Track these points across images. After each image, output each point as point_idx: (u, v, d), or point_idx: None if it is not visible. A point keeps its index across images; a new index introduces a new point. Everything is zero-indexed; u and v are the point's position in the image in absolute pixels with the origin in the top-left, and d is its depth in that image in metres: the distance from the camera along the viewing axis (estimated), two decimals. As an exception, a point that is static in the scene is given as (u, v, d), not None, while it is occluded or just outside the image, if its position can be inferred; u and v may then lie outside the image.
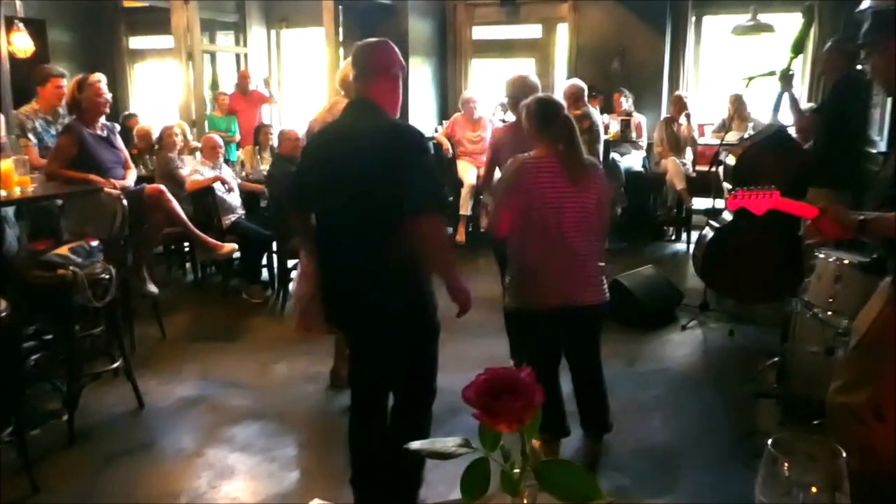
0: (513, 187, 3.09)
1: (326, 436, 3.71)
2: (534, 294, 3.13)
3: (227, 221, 6.03)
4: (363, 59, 2.68)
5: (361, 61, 2.68)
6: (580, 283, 3.11)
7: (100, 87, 4.88)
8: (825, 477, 0.87)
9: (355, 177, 2.54)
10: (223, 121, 8.69)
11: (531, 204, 3.04)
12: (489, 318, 4.15)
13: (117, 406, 4.00)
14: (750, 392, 4.05)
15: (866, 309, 2.40)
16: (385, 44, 2.72)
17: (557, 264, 3.07)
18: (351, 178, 2.54)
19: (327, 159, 2.63)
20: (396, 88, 2.71)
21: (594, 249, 3.16)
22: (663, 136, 7.84)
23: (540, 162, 3.07)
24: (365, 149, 2.55)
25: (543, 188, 3.03)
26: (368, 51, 2.70)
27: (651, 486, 3.23)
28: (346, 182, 2.55)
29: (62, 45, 9.07)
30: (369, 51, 2.70)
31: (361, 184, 2.53)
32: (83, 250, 3.70)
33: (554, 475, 0.92)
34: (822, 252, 3.57)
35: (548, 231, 3.04)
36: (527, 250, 3.11)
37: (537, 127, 3.16)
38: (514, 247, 3.18)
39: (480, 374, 0.90)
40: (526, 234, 3.08)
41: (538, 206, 3.03)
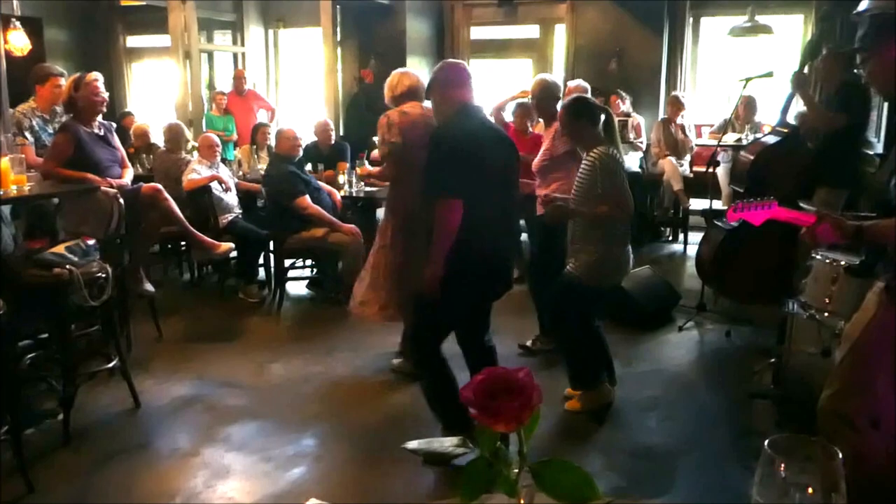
0: (617, 175, 3.54)
1: (323, 436, 3.71)
2: (616, 271, 3.73)
3: (223, 221, 6.02)
4: (466, 72, 3.40)
5: (466, 74, 3.38)
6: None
7: (97, 86, 4.87)
8: (822, 478, 0.87)
9: (502, 164, 3.25)
10: (221, 120, 8.68)
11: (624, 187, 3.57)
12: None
13: (113, 406, 3.99)
14: (746, 393, 4.05)
15: (858, 315, 2.40)
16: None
17: (625, 245, 3.71)
18: (500, 166, 3.24)
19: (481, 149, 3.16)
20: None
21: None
22: (660, 137, 7.84)
23: (615, 153, 3.59)
24: (504, 141, 3.38)
25: (623, 175, 3.59)
26: (463, 66, 3.47)
27: (648, 486, 3.22)
28: (498, 169, 3.23)
29: (59, 44, 9.07)
30: (463, 66, 3.47)
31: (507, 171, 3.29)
32: (79, 249, 3.69)
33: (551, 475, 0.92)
34: (818, 254, 3.57)
35: (625, 217, 3.62)
36: (616, 234, 3.62)
37: (589, 124, 3.64)
38: (602, 231, 3.59)
39: (478, 375, 0.90)
40: (619, 215, 3.59)
41: (623, 191, 3.56)
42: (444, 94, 3.34)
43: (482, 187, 3.12)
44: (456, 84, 3.32)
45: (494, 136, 3.34)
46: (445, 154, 3.13)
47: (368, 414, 3.92)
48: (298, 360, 4.65)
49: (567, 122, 3.73)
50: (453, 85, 3.32)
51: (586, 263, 3.60)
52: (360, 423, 3.77)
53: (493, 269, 3.29)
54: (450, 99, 3.31)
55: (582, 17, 8.78)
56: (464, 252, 3.10)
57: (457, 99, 3.29)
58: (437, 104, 3.41)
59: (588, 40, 8.73)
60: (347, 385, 4.27)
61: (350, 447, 3.52)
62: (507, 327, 4.71)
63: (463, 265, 3.10)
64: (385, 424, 3.78)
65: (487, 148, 3.18)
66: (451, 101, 3.29)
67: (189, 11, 8.42)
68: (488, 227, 3.15)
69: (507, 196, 3.29)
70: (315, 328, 5.36)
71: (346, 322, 5.25)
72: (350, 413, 3.92)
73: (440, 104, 3.38)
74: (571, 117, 3.68)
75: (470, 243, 3.09)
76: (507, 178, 3.30)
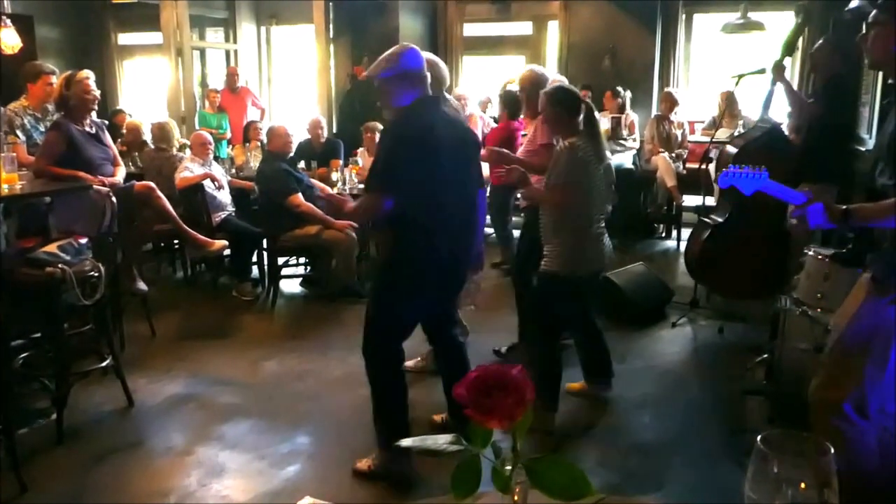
0: (575, 170, 3.45)
1: (317, 433, 3.71)
2: (588, 261, 3.62)
3: (217, 219, 6.00)
4: (423, 62, 3.17)
5: (422, 64, 3.17)
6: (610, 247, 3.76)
7: (88, 84, 4.85)
8: (814, 474, 0.88)
9: (460, 159, 3.15)
10: (214, 118, 8.66)
11: (590, 181, 3.50)
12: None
13: (106, 404, 3.98)
14: (739, 389, 4.07)
15: (845, 305, 2.42)
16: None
17: (597, 236, 3.63)
18: (459, 161, 3.14)
19: (437, 145, 3.04)
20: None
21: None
22: (654, 134, 7.86)
23: (586, 146, 3.50)
24: (463, 136, 3.25)
25: (592, 168, 3.51)
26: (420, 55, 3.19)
27: (641, 482, 3.23)
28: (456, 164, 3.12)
29: (50, 42, 9.03)
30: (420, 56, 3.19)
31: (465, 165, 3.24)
32: (72, 248, 3.68)
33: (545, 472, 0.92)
34: (811, 249, 3.59)
35: (592, 205, 3.54)
36: (581, 224, 3.53)
37: (566, 113, 3.57)
38: (568, 218, 3.53)
39: (472, 371, 0.90)
40: (581, 207, 3.51)
41: (587, 184, 3.50)
42: (400, 86, 3.11)
43: (437, 184, 3.01)
44: (412, 75, 3.11)
45: (453, 131, 3.16)
46: (396, 150, 3.01)
47: (363, 412, 3.91)
48: (292, 357, 4.65)
49: (546, 109, 3.67)
50: (409, 76, 3.11)
51: (555, 255, 3.55)
52: (355, 421, 3.77)
53: (448, 267, 3.16)
54: (405, 91, 3.10)
55: (575, 14, 8.78)
56: (417, 250, 3.04)
57: (413, 91, 3.10)
58: (390, 96, 3.17)
59: (581, 37, 8.74)
60: (341, 383, 4.26)
61: (344, 445, 3.51)
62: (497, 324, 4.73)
63: (417, 264, 3.06)
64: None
65: (444, 143, 3.03)
66: (407, 94, 3.10)
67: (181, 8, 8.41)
68: (443, 225, 3.07)
69: (464, 191, 3.20)
70: (309, 326, 5.35)
71: (340, 320, 5.26)
72: (344, 411, 3.91)
73: (394, 96, 3.15)
74: (550, 104, 3.62)
75: (424, 241, 3.03)
76: (465, 173, 3.20)
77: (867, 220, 2.22)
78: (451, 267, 3.19)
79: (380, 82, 3.14)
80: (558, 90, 3.70)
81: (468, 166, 3.25)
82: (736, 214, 4.88)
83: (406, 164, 2.96)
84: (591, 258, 3.63)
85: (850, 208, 2.22)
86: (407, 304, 3.13)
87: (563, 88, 3.76)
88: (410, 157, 2.95)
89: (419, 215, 3.00)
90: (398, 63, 3.08)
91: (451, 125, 3.15)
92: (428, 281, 3.10)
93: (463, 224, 3.22)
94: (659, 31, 8.59)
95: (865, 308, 2.26)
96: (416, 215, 3.00)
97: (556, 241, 3.55)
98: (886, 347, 2.18)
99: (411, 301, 3.13)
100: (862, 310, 2.27)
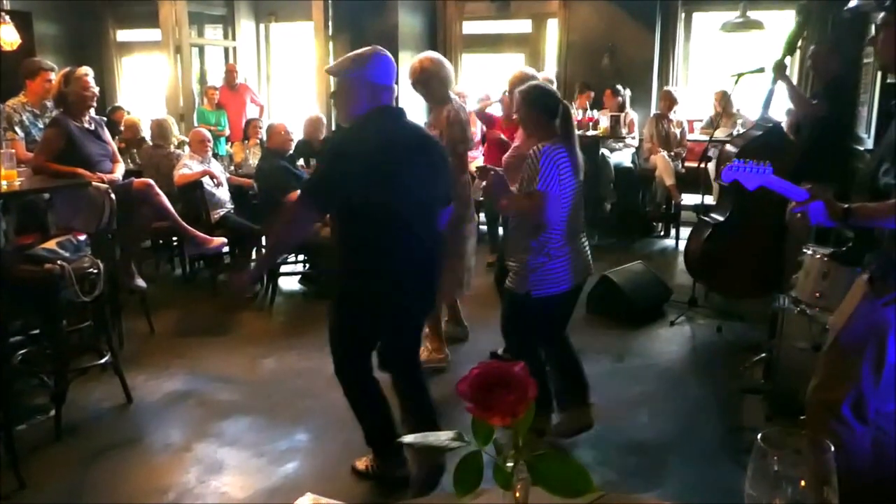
0: (554, 173, 3.08)
1: (316, 430, 3.71)
2: (565, 276, 3.23)
3: (216, 216, 6.00)
4: (392, 68, 2.89)
5: (391, 70, 2.88)
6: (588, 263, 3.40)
7: (87, 81, 4.84)
8: (814, 471, 0.88)
9: (423, 173, 2.87)
10: (213, 115, 8.65)
11: (564, 188, 3.14)
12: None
13: (105, 401, 3.98)
14: (737, 388, 4.08)
15: (843, 305, 2.41)
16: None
17: (575, 246, 3.28)
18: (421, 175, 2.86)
19: (393, 161, 2.78)
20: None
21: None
22: (653, 133, 7.86)
23: (562, 149, 3.14)
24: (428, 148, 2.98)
25: (570, 175, 3.17)
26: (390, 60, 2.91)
27: (639, 480, 3.24)
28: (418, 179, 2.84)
29: (48, 38, 9.00)
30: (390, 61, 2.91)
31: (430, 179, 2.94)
32: (71, 244, 3.68)
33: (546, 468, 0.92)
34: (809, 248, 3.59)
35: (569, 214, 3.20)
36: (555, 236, 3.17)
37: (544, 115, 3.23)
38: (538, 233, 3.16)
39: (474, 368, 0.90)
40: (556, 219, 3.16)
41: (568, 191, 3.16)
42: (360, 92, 2.82)
43: (386, 206, 2.74)
44: (376, 86, 2.81)
45: (415, 147, 2.87)
46: (336, 165, 2.78)
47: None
48: (291, 354, 4.65)
49: (520, 109, 3.33)
50: (372, 86, 2.81)
51: (518, 273, 3.24)
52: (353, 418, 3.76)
53: (412, 287, 2.91)
54: (364, 99, 2.81)
55: (574, 12, 8.77)
56: (377, 271, 2.83)
57: (372, 101, 2.81)
58: (348, 100, 2.89)
59: (580, 36, 8.73)
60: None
61: (343, 442, 3.51)
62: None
63: (378, 285, 2.83)
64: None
65: (400, 161, 2.76)
66: (365, 102, 2.81)
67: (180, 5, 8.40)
68: (404, 243, 2.82)
69: (426, 212, 2.92)
70: (307, 323, 5.35)
71: (339, 317, 5.25)
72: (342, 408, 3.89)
73: (352, 101, 2.86)
74: (525, 104, 3.28)
75: (384, 262, 2.82)
76: (427, 193, 2.89)
77: (868, 220, 2.21)
78: (417, 286, 2.94)
79: (341, 81, 2.90)
80: (534, 89, 3.34)
81: (432, 185, 2.92)
82: (736, 213, 4.89)
83: (344, 181, 2.70)
84: (552, 278, 3.21)
85: (852, 207, 2.22)
86: (361, 326, 2.97)
87: (539, 87, 3.39)
88: (351, 175, 2.69)
89: (367, 237, 2.79)
90: (365, 67, 2.80)
91: (412, 140, 2.88)
92: (394, 299, 2.87)
93: (427, 245, 2.92)
94: (658, 30, 8.59)
95: (861, 309, 2.26)
96: (363, 236, 2.80)
97: (521, 256, 3.22)
98: (882, 349, 2.18)
99: (366, 323, 2.96)
100: (858, 311, 2.27)
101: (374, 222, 2.77)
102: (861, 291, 2.30)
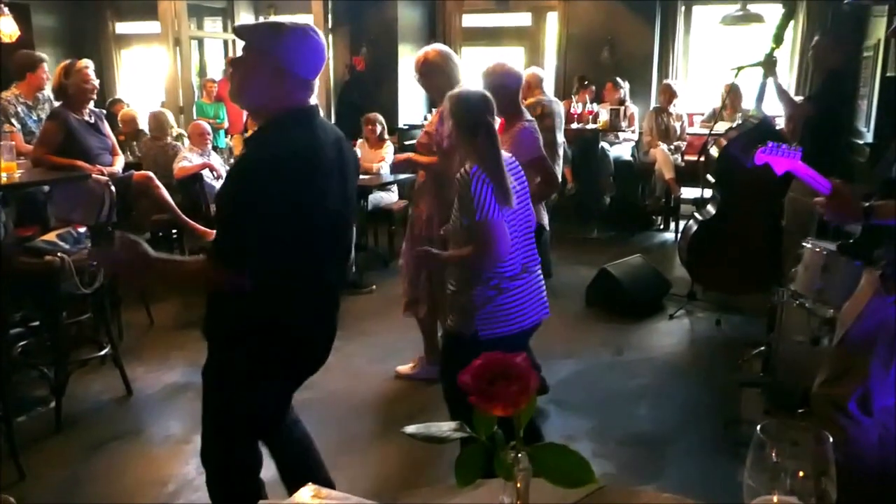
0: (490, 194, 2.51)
1: (315, 422, 3.71)
2: (519, 312, 2.66)
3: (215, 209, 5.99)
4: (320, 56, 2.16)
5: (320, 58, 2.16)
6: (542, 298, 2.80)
7: (87, 74, 4.84)
8: (812, 462, 0.89)
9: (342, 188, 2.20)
10: (211, 107, 8.64)
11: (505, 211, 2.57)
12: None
13: (105, 393, 3.99)
14: (736, 381, 4.08)
15: (852, 301, 2.41)
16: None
17: (530, 279, 2.72)
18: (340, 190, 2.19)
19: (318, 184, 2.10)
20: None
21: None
22: (652, 126, 7.86)
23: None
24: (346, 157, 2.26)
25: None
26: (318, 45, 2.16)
27: (637, 472, 3.25)
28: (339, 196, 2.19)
29: (47, 30, 8.97)
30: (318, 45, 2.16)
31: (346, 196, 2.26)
32: (70, 237, 3.68)
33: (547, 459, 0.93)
34: (808, 242, 3.60)
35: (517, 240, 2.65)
36: (506, 266, 2.61)
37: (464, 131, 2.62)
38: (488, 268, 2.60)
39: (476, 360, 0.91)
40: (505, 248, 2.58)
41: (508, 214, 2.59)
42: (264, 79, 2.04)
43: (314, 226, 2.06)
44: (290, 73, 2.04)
45: (335, 156, 2.14)
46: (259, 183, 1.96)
47: (360, 401, 3.93)
48: (290, 347, 4.65)
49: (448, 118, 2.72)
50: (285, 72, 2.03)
51: (462, 309, 2.65)
52: (352, 410, 3.79)
53: (312, 344, 2.30)
54: (268, 88, 2.05)
55: (574, 5, 8.76)
56: (274, 335, 2.13)
57: (278, 92, 2.05)
58: (243, 83, 2.10)
59: (580, 29, 8.72)
60: (338, 372, 4.26)
61: (342, 433, 3.52)
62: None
63: (275, 351, 2.14)
64: (377, 410, 3.79)
65: (327, 181, 2.08)
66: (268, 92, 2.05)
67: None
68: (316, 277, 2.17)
69: (344, 230, 2.33)
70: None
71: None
72: (341, 400, 3.92)
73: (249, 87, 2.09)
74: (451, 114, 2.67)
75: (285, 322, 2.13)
76: (348, 205, 2.26)
77: (889, 218, 2.20)
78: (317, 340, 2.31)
79: (245, 51, 2.08)
80: (463, 98, 2.69)
81: (350, 196, 2.30)
82: (724, 210, 4.90)
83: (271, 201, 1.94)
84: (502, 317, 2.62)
85: (873, 206, 2.20)
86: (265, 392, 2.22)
87: (462, 95, 2.71)
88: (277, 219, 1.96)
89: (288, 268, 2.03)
90: (280, 44, 2.02)
91: (333, 150, 2.14)
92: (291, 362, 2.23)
93: (338, 272, 2.38)
94: (658, 23, 8.57)
95: (871, 306, 2.26)
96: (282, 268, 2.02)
97: (471, 290, 2.61)
98: (892, 346, 2.18)
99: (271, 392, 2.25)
100: (868, 307, 2.27)
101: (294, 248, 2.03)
102: (872, 288, 2.29)
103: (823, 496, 0.88)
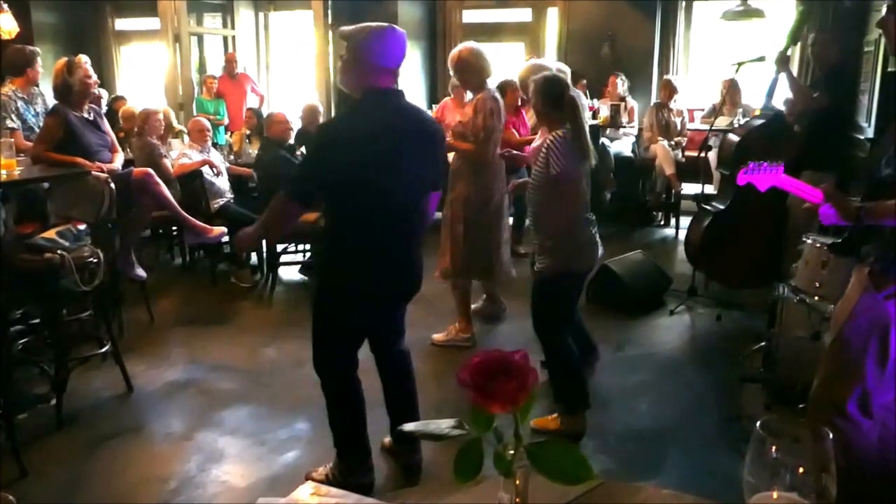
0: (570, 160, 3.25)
1: (316, 419, 3.71)
2: (582, 253, 3.42)
3: (215, 205, 5.99)
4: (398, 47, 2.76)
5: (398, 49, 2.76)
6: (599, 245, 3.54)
7: (88, 70, 4.84)
8: (812, 458, 0.89)
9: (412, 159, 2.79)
10: (211, 104, 8.63)
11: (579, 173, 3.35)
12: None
13: (105, 390, 3.99)
14: (736, 376, 4.08)
15: (844, 299, 2.40)
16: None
17: (591, 228, 3.46)
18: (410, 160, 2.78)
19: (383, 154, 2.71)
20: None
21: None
22: (653, 122, 7.85)
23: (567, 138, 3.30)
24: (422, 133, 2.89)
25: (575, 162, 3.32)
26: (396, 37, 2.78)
27: (638, 468, 3.25)
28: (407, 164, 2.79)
29: (46, 27, 8.95)
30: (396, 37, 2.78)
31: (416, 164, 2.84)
32: (70, 234, 3.68)
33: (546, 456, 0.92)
34: (809, 237, 3.60)
35: (579, 199, 3.39)
36: (574, 221, 3.36)
37: (549, 106, 3.38)
38: (564, 214, 3.34)
39: (475, 356, 0.91)
40: (576, 202, 3.36)
41: (578, 176, 3.34)
42: (354, 67, 2.73)
43: (381, 188, 2.68)
44: (371, 63, 2.71)
45: (411, 130, 2.78)
46: (328, 156, 2.67)
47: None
48: (291, 344, 4.65)
49: (533, 98, 3.46)
50: (366, 63, 2.70)
51: (553, 250, 3.37)
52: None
53: (389, 272, 2.83)
54: (356, 75, 2.74)
55: (574, 1, 8.74)
56: (352, 258, 2.78)
57: (364, 80, 2.72)
58: (342, 72, 2.79)
59: (580, 24, 8.70)
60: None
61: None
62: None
63: (353, 271, 2.78)
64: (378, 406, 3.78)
65: (391, 145, 2.67)
66: (357, 79, 2.74)
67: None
68: (387, 229, 2.77)
69: (416, 192, 2.85)
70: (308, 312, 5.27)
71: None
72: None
73: (344, 75, 2.79)
74: (537, 93, 3.41)
75: (366, 246, 2.76)
76: (419, 173, 2.81)
77: (881, 219, 2.19)
78: (393, 278, 2.87)
79: (346, 48, 2.74)
80: (546, 79, 3.45)
81: (421, 169, 2.83)
82: (738, 202, 4.88)
83: (325, 172, 2.68)
84: (579, 252, 3.42)
85: (865, 206, 2.19)
86: (345, 320, 2.89)
87: (550, 77, 3.49)
88: (334, 164, 2.65)
89: (351, 222, 2.76)
90: (364, 41, 2.70)
91: (406, 123, 2.77)
92: (366, 294, 2.82)
93: (408, 229, 2.87)
94: (658, 19, 8.56)
95: (862, 304, 2.25)
96: (348, 222, 2.76)
97: (545, 238, 3.41)
98: (886, 343, 2.17)
99: (349, 317, 2.88)
100: (859, 305, 2.26)
101: (358, 207, 2.71)
102: (861, 285, 2.29)
103: (823, 492, 0.88)
